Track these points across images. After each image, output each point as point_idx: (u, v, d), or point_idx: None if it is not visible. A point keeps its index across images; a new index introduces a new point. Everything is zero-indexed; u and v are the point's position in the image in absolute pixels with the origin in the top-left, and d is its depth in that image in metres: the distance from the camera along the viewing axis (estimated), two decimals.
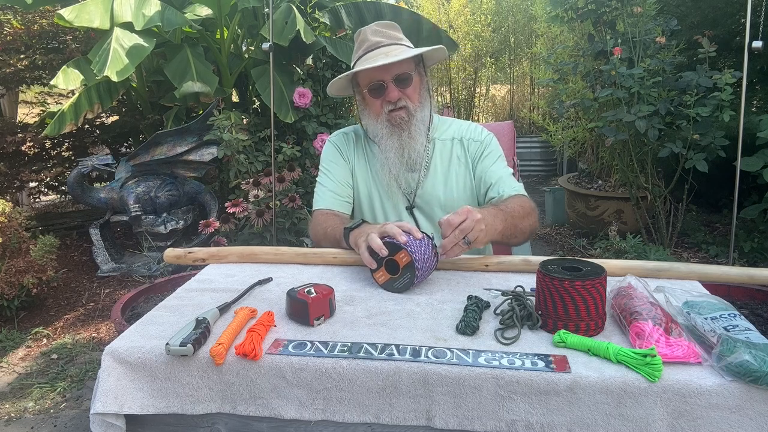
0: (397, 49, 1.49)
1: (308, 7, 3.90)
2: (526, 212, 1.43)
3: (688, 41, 3.58)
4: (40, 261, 3.19)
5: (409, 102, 1.52)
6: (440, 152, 1.63)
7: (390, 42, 1.51)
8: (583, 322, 0.98)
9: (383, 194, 1.64)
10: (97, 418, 0.95)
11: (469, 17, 7.26)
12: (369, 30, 1.55)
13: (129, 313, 1.34)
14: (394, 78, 1.49)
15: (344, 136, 1.72)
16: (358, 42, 1.55)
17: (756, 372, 0.81)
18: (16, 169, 4.33)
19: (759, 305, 1.25)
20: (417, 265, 1.18)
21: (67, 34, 4.33)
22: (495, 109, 8.14)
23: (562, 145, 5.23)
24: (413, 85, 1.52)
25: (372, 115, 1.56)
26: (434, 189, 1.61)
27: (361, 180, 1.67)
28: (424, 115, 1.56)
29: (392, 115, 1.52)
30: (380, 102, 1.52)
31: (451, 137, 1.65)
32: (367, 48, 1.52)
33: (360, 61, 1.52)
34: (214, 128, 3.29)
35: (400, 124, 1.52)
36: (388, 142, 1.54)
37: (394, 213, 1.64)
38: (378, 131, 1.55)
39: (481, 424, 0.88)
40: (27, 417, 2.32)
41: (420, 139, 1.55)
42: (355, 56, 1.56)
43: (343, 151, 1.69)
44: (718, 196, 4.27)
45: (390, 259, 1.21)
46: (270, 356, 0.94)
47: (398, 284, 1.21)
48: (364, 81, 1.53)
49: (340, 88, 1.63)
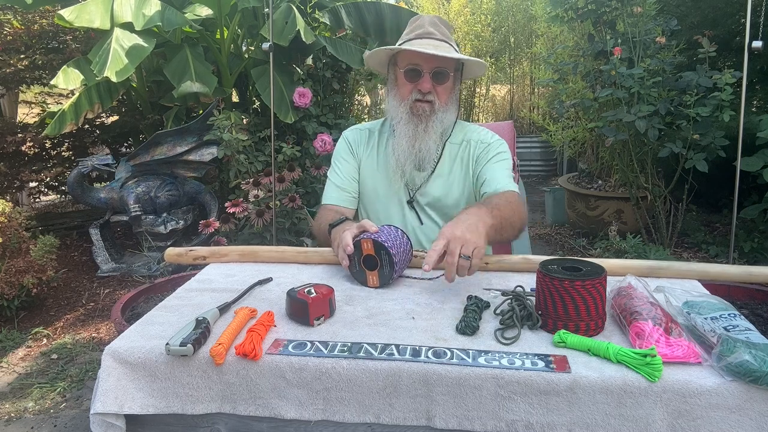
0: (446, 47, 1.53)
1: (308, 7, 3.89)
2: (513, 206, 1.40)
3: (688, 41, 3.58)
4: (40, 261, 3.18)
5: (437, 99, 1.54)
6: (448, 154, 1.65)
7: (442, 38, 1.55)
8: (583, 322, 0.98)
9: (389, 185, 1.66)
10: (97, 418, 0.95)
11: (469, 17, 7.26)
12: (428, 19, 1.58)
13: (129, 313, 1.34)
14: (433, 71, 1.52)
15: (359, 132, 1.75)
16: (414, 26, 1.58)
17: (756, 372, 0.81)
18: (16, 169, 4.33)
19: (759, 305, 1.25)
20: (385, 244, 1.21)
21: (67, 34, 4.33)
22: (495, 109, 8.14)
23: (562, 145, 5.23)
24: (446, 85, 1.55)
25: (398, 97, 1.57)
26: (436, 192, 1.63)
27: (368, 173, 1.69)
28: (446, 118, 1.58)
29: (417, 104, 1.54)
30: (411, 87, 1.54)
31: (460, 141, 1.67)
32: (419, 34, 1.54)
33: (408, 43, 1.54)
34: (214, 128, 3.29)
35: (420, 116, 1.54)
36: (404, 128, 1.56)
37: (397, 205, 1.66)
38: (398, 115, 1.58)
39: (481, 424, 0.88)
40: (27, 417, 2.31)
41: (434, 136, 1.57)
42: (405, 37, 1.58)
43: (354, 147, 1.72)
44: (718, 196, 4.27)
45: (363, 258, 1.24)
46: (270, 356, 0.94)
47: (386, 271, 1.23)
48: (404, 62, 1.55)
49: (378, 61, 1.65)
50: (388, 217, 1.65)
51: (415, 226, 1.64)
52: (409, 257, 1.29)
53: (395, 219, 1.65)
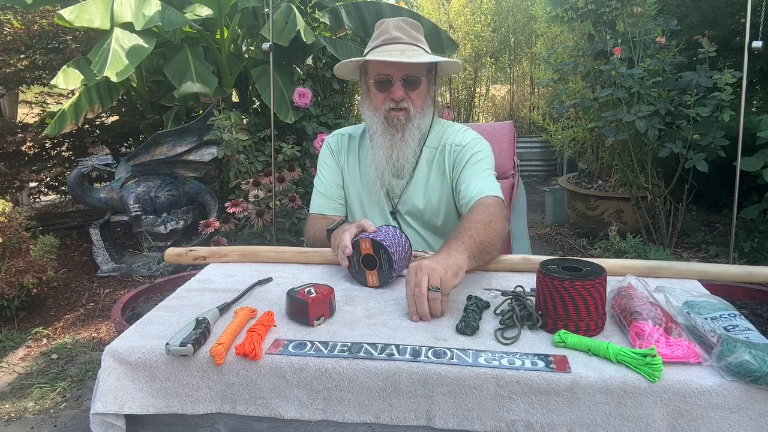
0: (414, 51, 1.47)
1: (308, 7, 3.90)
2: (487, 224, 1.27)
3: (688, 41, 3.58)
4: (40, 261, 3.18)
5: (412, 105, 1.49)
6: (425, 160, 1.59)
7: (409, 41, 1.49)
8: (583, 322, 0.98)
9: (369, 195, 1.63)
10: (97, 418, 0.95)
11: (469, 17, 7.25)
12: (392, 23, 1.52)
13: (129, 313, 1.34)
14: (403, 78, 1.46)
15: (339, 137, 1.71)
16: (378, 31, 1.53)
17: (756, 372, 0.81)
18: (16, 169, 4.33)
19: (759, 305, 1.24)
20: (384, 243, 1.20)
21: (67, 34, 4.33)
22: (495, 109, 8.14)
23: (562, 145, 5.23)
24: (419, 90, 1.50)
25: (372, 107, 1.53)
26: (414, 197, 1.59)
27: (351, 180, 1.66)
28: (423, 123, 1.53)
29: (391, 113, 1.49)
30: (383, 97, 1.49)
31: (437, 145, 1.60)
32: (385, 40, 1.49)
33: (374, 51, 1.49)
34: (214, 128, 3.29)
35: (396, 125, 1.50)
36: (380, 139, 1.52)
37: (380, 215, 1.62)
38: (373, 126, 1.53)
39: (481, 424, 0.88)
40: (27, 417, 2.32)
41: (411, 145, 1.52)
42: (372, 44, 1.53)
43: (335, 153, 1.68)
44: (718, 196, 4.26)
45: (362, 257, 1.24)
46: (270, 356, 0.94)
47: (385, 271, 1.22)
48: (373, 72, 1.50)
49: (348, 70, 1.59)
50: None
51: None
52: (408, 256, 1.29)
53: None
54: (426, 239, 1.62)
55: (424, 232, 1.62)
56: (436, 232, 1.62)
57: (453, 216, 1.59)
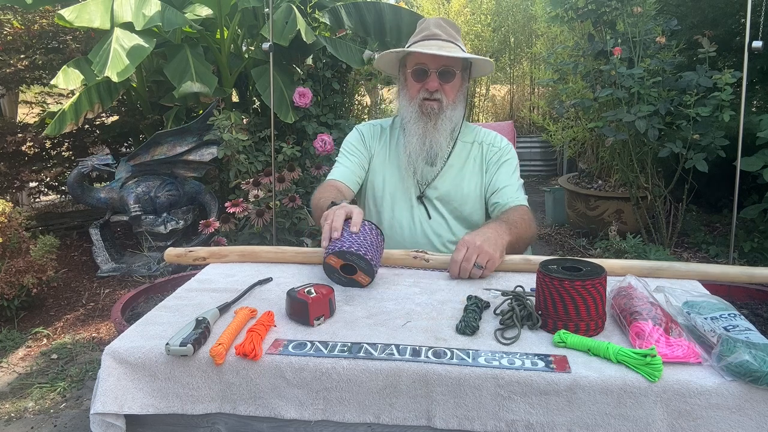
0: (451, 47, 1.58)
1: (308, 7, 3.90)
2: (527, 223, 1.50)
3: (688, 41, 3.58)
4: (40, 261, 3.18)
5: (445, 97, 1.59)
6: (459, 152, 1.71)
7: (448, 38, 1.60)
8: (583, 322, 0.98)
9: (398, 182, 1.71)
10: (97, 418, 0.95)
11: (469, 17, 7.26)
12: (432, 21, 1.64)
13: (129, 313, 1.34)
14: (439, 70, 1.57)
15: (372, 127, 1.81)
16: (420, 28, 1.65)
17: (756, 372, 0.81)
18: (16, 169, 4.32)
19: (759, 305, 1.24)
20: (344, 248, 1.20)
21: (67, 34, 4.32)
22: (495, 109, 8.13)
23: (562, 145, 5.23)
24: (453, 83, 1.60)
25: (408, 97, 1.63)
26: (446, 185, 1.68)
27: (379, 168, 1.74)
28: (455, 115, 1.63)
29: (425, 103, 1.59)
30: (419, 87, 1.59)
31: (471, 140, 1.73)
32: (425, 36, 1.60)
33: (415, 45, 1.60)
34: (214, 128, 3.29)
35: (429, 114, 1.59)
36: (414, 126, 1.62)
37: (406, 201, 1.70)
38: (408, 114, 1.63)
39: (481, 424, 0.88)
40: (27, 417, 2.31)
41: (444, 133, 1.62)
42: (412, 39, 1.64)
43: (367, 139, 1.78)
44: (718, 196, 4.26)
45: (341, 268, 1.24)
46: (270, 356, 0.94)
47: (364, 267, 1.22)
48: (411, 63, 1.61)
49: (388, 63, 1.71)
50: (396, 212, 1.70)
51: (423, 220, 1.68)
52: (377, 241, 1.28)
53: (403, 214, 1.69)
54: (449, 223, 1.71)
55: (449, 217, 1.70)
56: (460, 218, 1.72)
57: (479, 206, 1.71)
